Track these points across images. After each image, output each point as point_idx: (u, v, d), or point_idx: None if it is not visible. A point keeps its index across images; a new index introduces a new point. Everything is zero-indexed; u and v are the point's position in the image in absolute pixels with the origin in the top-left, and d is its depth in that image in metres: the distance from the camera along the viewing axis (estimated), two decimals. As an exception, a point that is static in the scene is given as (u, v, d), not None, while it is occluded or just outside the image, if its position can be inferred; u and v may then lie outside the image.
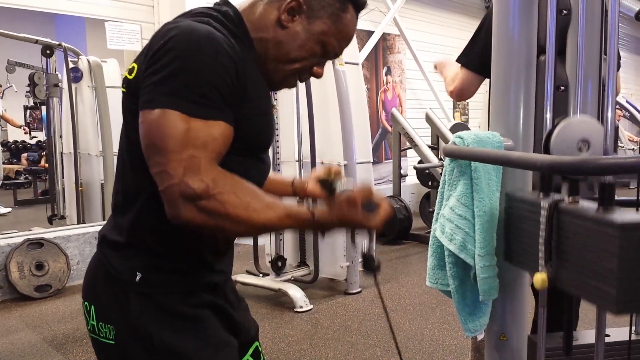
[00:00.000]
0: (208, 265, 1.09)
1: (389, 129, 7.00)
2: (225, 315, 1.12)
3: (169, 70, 0.90)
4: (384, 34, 7.13)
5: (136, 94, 0.95)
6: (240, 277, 4.08)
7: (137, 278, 1.01)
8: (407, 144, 5.95)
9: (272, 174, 1.31)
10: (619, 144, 8.77)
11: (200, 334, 1.04)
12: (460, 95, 1.93)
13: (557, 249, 0.93)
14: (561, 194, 0.95)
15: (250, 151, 1.05)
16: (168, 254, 1.03)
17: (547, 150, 0.99)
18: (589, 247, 0.85)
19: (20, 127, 8.49)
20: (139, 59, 0.98)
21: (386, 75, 7.42)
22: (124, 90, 1.01)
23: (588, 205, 0.89)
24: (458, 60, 1.91)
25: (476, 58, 1.81)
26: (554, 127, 0.98)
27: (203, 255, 1.07)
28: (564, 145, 0.98)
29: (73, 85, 5.29)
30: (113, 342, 1.02)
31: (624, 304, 0.79)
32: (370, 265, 1.13)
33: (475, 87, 1.89)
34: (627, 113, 9.03)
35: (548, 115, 1.06)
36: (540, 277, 0.93)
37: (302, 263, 4.33)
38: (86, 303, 1.08)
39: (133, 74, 0.98)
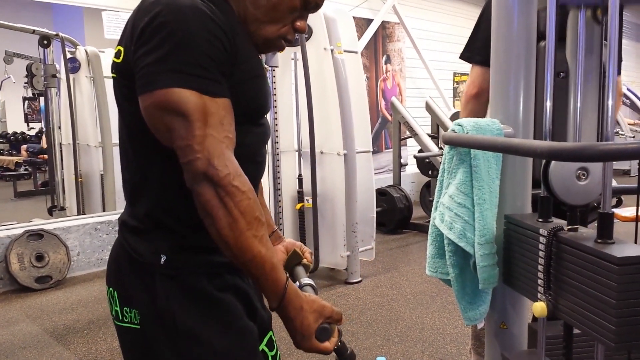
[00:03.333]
0: None
1: (389, 118, 6.98)
2: (247, 300, 1.11)
3: (165, 47, 0.87)
4: (383, 22, 7.09)
5: (128, 76, 0.93)
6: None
7: (162, 260, 1.00)
8: (407, 133, 5.93)
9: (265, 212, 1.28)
10: (620, 131, 8.74)
11: (222, 319, 1.03)
12: (479, 95, 1.76)
13: (556, 277, 0.91)
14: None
15: (248, 117, 1.03)
16: (189, 231, 1.02)
17: (546, 178, 0.98)
18: (588, 279, 0.83)
19: None
20: (123, 41, 0.96)
21: (386, 63, 7.39)
22: (115, 75, 0.99)
23: (587, 234, 0.88)
24: (462, 56, 1.84)
25: (480, 51, 1.72)
26: None
27: None
28: (563, 173, 0.98)
29: (71, 76, 5.28)
30: (138, 327, 1.01)
31: (622, 340, 0.78)
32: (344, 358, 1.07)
33: (487, 82, 1.75)
34: (627, 101, 9.00)
35: (548, 103, 1.05)
36: (539, 306, 0.92)
37: (302, 253, 4.32)
38: (110, 289, 1.07)
39: (121, 57, 0.96)
